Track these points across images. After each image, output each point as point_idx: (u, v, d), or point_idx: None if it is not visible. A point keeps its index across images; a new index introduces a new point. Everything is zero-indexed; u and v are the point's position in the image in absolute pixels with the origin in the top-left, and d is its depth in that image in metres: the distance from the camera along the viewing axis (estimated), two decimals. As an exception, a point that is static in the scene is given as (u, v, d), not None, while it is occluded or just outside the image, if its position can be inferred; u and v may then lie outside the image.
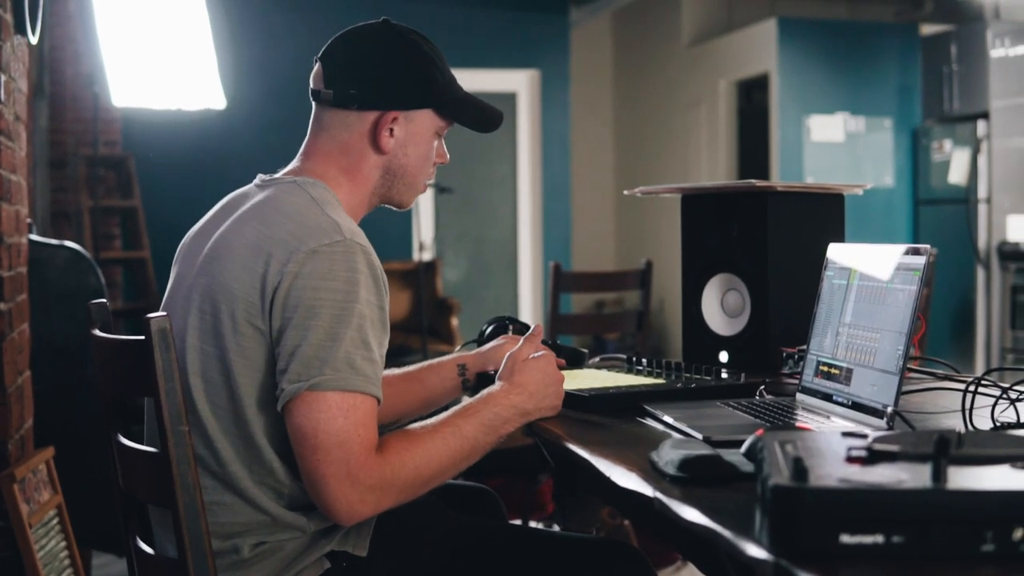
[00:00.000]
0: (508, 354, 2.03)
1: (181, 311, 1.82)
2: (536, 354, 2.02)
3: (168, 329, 1.64)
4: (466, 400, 1.92)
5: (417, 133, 1.97)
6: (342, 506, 1.69)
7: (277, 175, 1.95)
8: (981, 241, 7.68)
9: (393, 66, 1.94)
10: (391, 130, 1.94)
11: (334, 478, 1.68)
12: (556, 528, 3.15)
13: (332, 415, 1.69)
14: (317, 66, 1.97)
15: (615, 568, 1.95)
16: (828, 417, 1.90)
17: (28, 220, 3.31)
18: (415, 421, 1.86)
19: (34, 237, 3.50)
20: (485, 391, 1.94)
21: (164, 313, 1.69)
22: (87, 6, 5.92)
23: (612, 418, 2.02)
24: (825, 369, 2.03)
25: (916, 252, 1.86)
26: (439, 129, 2.01)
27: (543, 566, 1.96)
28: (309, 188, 1.87)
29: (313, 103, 1.98)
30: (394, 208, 2.07)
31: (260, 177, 1.96)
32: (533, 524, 3.78)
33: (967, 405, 1.88)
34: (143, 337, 1.64)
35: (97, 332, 1.88)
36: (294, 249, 1.74)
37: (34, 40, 3.11)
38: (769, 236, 2.53)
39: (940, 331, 7.84)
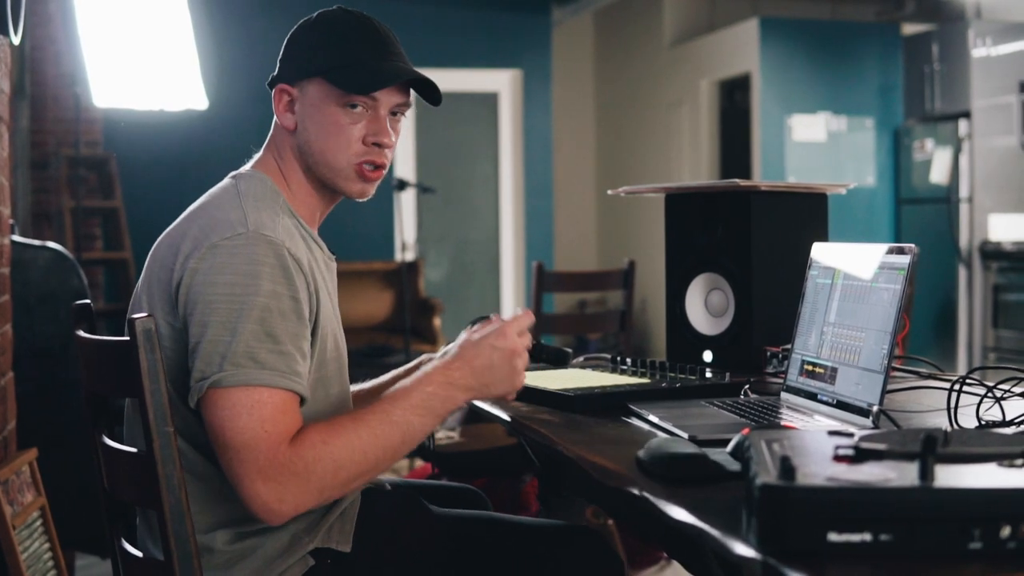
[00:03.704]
0: None
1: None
2: (488, 329, 1.84)
3: (153, 330, 1.63)
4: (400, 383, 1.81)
5: (312, 105, 1.89)
6: (259, 505, 1.64)
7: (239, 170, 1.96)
8: (963, 240, 7.71)
9: (299, 42, 1.93)
10: (292, 106, 1.91)
11: (247, 477, 1.63)
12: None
13: (236, 412, 1.64)
14: None
15: (572, 549, 1.96)
16: (812, 416, 1.91)
17: (10, 221, 3.29)
18: None
19: (16, 238, 3.48)
20: (420, 371, 1.82)
21: (148, 314, 1.68)
22: (68, 6, 5.89)
23: (597, 418, 2.02)
24: (810, 368, 2.03)
25: (901, 251, 1.86)
26: (338, 99, 1.86)
27: (522, 555, 1.96)
28: (241, 181, 1.87)
29: None
30: (353, 198, 1.95)
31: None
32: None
33: (952, 404, 1.89)
34: (127, 338, 1.64)
35: (82, 333, 1.87)
36: (198, 245, 1.73)
37: (16, 40, 3.09)
38: (753, 235, 2.53)
39: (922, 330, 7.87)
